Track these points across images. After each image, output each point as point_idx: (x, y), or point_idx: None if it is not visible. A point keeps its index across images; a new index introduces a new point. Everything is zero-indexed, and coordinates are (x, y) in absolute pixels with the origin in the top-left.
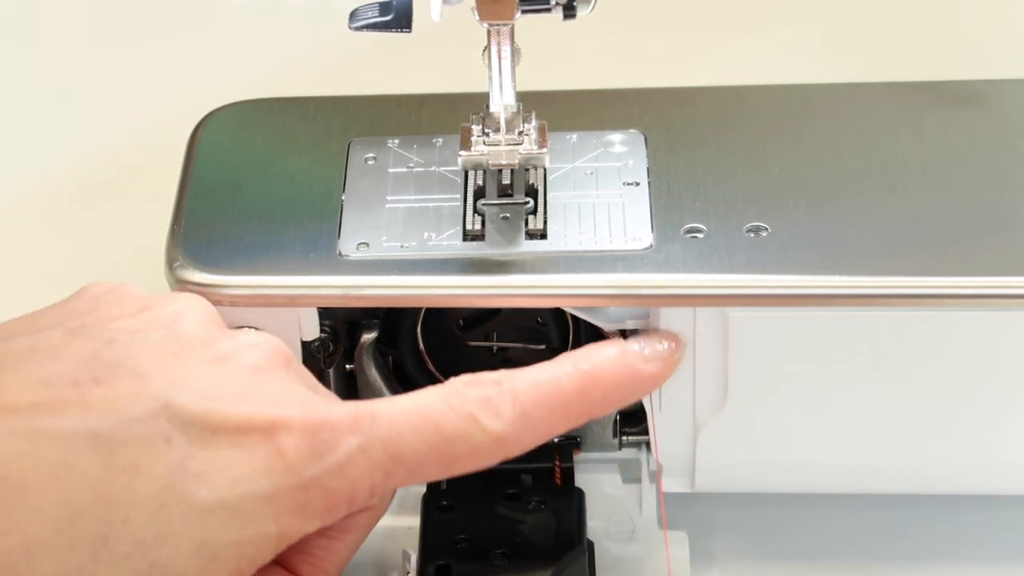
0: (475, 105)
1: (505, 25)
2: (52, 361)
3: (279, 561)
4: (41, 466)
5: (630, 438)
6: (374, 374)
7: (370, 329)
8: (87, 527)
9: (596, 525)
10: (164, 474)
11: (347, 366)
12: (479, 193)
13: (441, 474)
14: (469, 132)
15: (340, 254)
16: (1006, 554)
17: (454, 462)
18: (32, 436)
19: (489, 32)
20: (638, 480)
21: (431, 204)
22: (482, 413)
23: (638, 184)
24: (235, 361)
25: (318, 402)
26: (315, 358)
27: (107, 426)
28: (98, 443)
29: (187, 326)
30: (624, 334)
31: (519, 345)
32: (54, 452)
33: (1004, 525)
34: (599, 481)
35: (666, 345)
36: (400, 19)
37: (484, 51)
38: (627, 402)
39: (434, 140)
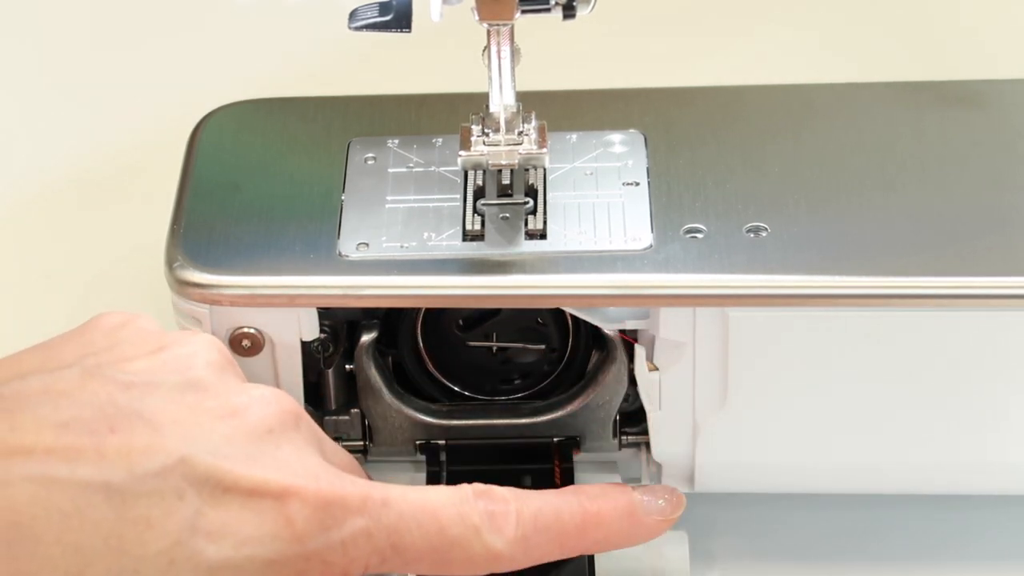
0: (475, 105)
1: (505, 25)
2: (68, 404)
3: None
4: (53, 514)
5: (630, 438)
6: (374, 374)
7: (370, 329)
8: None
9: None
10: (176, 530)
11: (347, 366)
12: (479, 193)
13: (431, 571)
14: (469, 132)
15: (340, 254)
16: (1006, 554)
17: (448, 565)
18: (46, 483)
19: (489, 32)
20: (638, 480)
21: (431, 204)
22: (486, 527)
23: (638, 184)
24: (247, 417)
25: (331, 475)
26: (315, 358)
27: (121, 478)
28: (111, 494)
29: (201, 373)
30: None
31: (519, 345)
32: (67, 500)
33: (1004, 525)
34: (599, 481)
35: (666, 500)
36: (400, 19)
37: (484, 51)
38: (624, 546)
39: (434, 140)
